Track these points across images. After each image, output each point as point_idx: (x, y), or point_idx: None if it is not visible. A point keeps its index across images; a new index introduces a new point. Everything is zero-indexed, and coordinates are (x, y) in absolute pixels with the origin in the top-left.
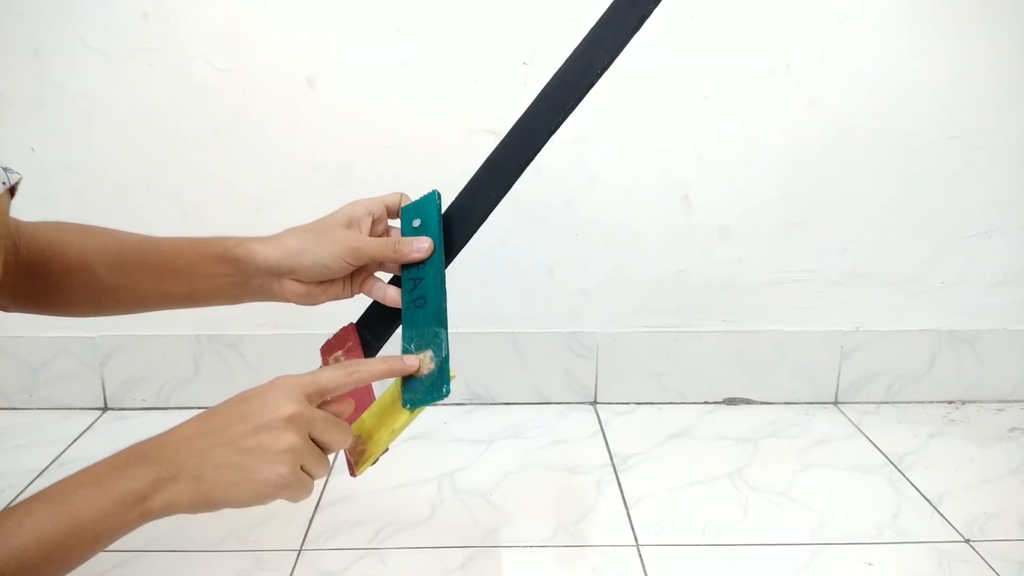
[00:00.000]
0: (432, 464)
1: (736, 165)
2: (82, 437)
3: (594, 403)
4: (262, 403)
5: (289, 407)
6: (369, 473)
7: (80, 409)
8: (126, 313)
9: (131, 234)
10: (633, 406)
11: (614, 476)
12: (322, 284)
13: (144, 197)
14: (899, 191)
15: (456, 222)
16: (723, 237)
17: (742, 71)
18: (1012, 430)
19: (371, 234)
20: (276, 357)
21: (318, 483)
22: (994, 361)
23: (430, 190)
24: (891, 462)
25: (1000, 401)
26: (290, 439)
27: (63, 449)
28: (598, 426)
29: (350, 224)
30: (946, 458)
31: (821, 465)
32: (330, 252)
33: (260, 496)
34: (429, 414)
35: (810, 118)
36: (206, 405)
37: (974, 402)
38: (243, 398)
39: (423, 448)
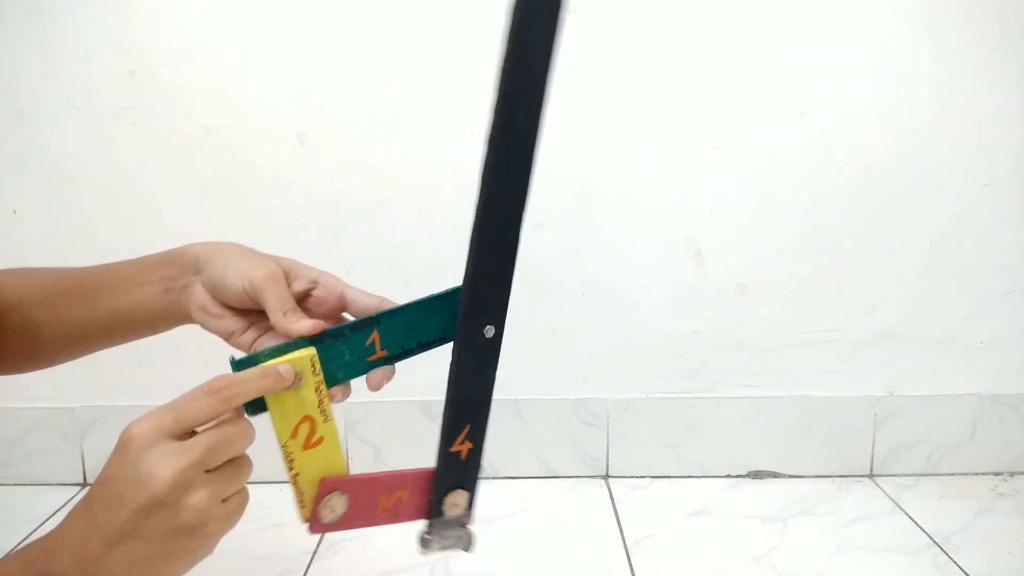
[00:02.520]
0: None
1: (751, 218)
2: (57, 514)
3: (606, 476)
4: (132, 479)
5: (163, 470)
6: (357, 559)
7: (58, 485)
8: (58, 357)
9: (74, 267)
10: (648, 480)
11: (626, 560)
12: (220, 306)
13: (127, 257)
14: (928, 244)
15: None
16: (739, 294)
17: (753, 119)
18: None
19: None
20: (257, 431)
21: (300, 567)
22: None
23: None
24: (935, 543)
25: None
26: (192, 502)
27: (34, 528)
28: (610, 502)
29: (286, 270)
30: (997, 537)
31: (857, 547)
32: (239, 265)
33: (200, 559)
34: None
35: (828, 168)
36: None
37: None
38: (108, 477)
39: (417, 527)
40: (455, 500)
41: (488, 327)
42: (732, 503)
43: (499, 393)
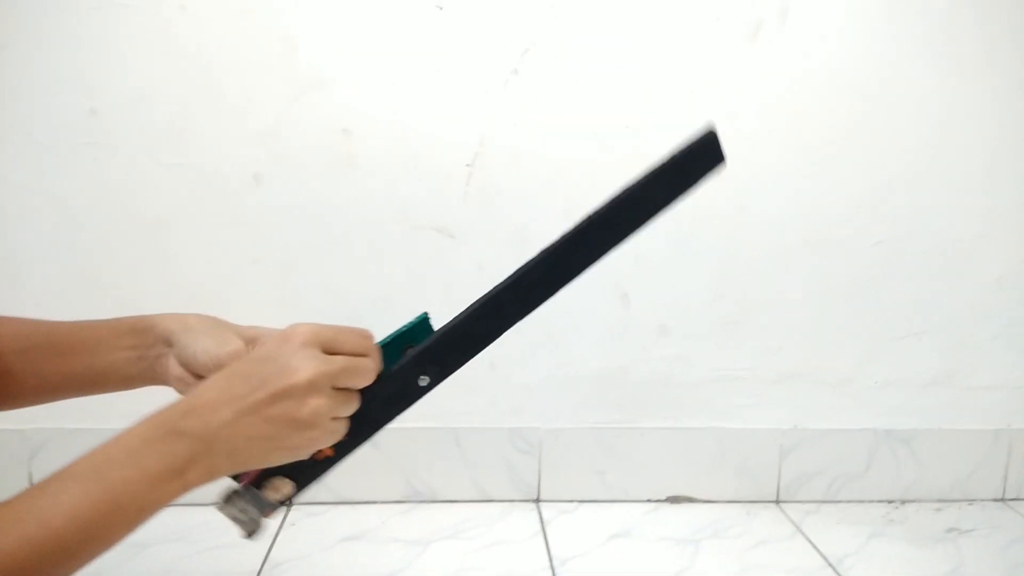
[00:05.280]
0: (364, 568)
1: (672, 266)
2: None
3: (537, 500)
4: (279, 367)
5: (307, 369)
6: None
7: None
8: (31, 403)
9: (48, 320)
10: (576, 504)
11: None
12: (195, 377)
13: (81, 288)
14: (829, 294)
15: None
16: (662, 334)
17: None
18: (950, 530)
19: None
20: None
21: None
22: (931, 460)
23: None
24: (830, 564)
25: (938, 500)
26: (314, 404)
27: None
28: (539, 526)
29: (249, 340)
30: (884, 561)
31: (761, 567)
32: (207, 345)
33: (295, 456)
34: (366, 512)
35: (740, 223)
36: None
37: (913, 501)
38: (262, 358)
39: (356, 550)
40: (280, 485)
41: (425, 377)
42: (651, 526)
43: (439, 421)
